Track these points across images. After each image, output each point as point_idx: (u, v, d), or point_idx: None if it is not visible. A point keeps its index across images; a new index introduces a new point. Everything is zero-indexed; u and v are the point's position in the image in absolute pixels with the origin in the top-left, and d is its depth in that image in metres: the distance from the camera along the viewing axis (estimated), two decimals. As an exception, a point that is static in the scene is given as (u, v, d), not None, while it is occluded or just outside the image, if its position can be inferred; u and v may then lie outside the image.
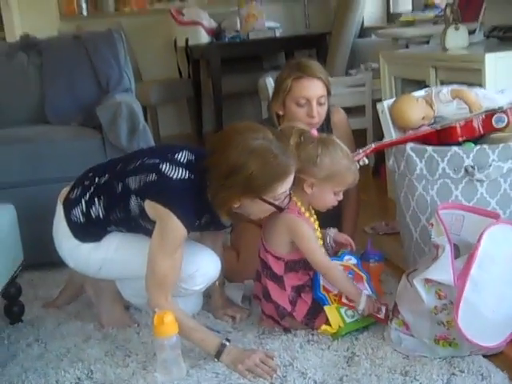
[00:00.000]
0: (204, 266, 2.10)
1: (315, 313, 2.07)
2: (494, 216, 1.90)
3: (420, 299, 1.82)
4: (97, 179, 2.09)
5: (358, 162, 2.17)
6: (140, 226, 2.01)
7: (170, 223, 1.90)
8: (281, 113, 2.44)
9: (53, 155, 2.72)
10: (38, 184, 2.70)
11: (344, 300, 2.04)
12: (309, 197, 2.05)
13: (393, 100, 2.36)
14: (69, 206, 2.10)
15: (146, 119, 2.85)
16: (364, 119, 4.09)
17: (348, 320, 2.02)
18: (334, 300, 2.05)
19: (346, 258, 2.14)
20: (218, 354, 1.91)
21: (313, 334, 2.05)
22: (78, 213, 2.08)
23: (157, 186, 1.94)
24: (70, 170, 2.28)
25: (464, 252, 1.87)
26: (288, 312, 2.07)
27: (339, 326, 2.00)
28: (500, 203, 2.10)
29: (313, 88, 2.37)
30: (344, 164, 2.01)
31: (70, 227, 2.10)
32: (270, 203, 1.91)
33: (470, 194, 2.10)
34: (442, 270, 1.79)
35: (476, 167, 2.05)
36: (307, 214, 2.06)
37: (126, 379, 1.88)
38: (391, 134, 2.30)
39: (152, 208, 1.93)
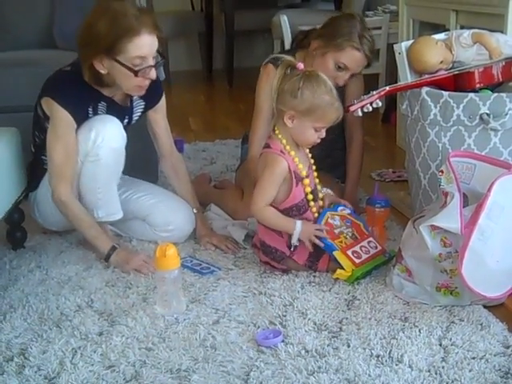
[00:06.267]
0: (100, 125, 2.12)
1: (318, 255, 2.06)
2: (506, 166, 1.87)
3: (425, 246, 1.81)
4: None
5: (371, 104, 2.13)
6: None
7: (54, 111, 2.07)
8: (314, 53, 2.40)
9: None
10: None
11: (349, 252, 2.03)
12: (290, 131, 2.00)
13: (411, 41, 2.30)
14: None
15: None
16: (377, 64, 4.01)
17: (357, 261, 2.01)
18: (341, 246, 2.03)
19: (340, 208, 2.12)
20: (107, 256, 2.12)
21: (314, 276, 2.05)
22: (28, 171, 2.27)
23: (46, 82, 2.13)
24: (77, 97, 2.25)
25: (473, 201, 1.84)
26: (287, 256, 2.06)
27: (352, 269, 1.99)
28: (513, 154, 2.07)
29: (359, 65, 2.37)
30: (326, 99, 1.94)
31: (28, 187, 2.27)
32: (124, 65, 2.01)
33: (482, 143, 2.06)
34: (450, 218, 1.77)
35: (492, 115, 2.01)
36: (292, 153, 2.01)
37: (125, 310, 1.89)
38: (407, 76, 2.25)
39: (45, 104, 2.10)
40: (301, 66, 1.98)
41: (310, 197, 2.05)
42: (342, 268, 1.99)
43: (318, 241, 2.00)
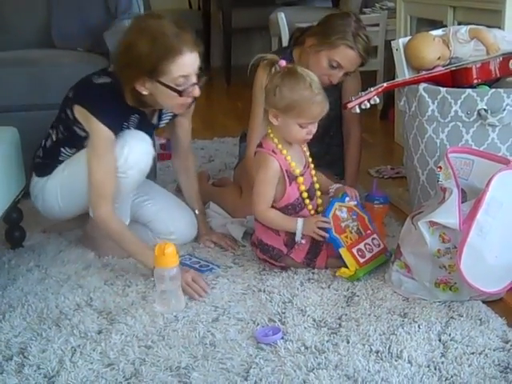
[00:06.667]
0: (133, 142, 2.08)
1: (316, 252, 2.06)
2: (505, 161, 1.87)
3: (423, 242, 1.81)
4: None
5: (369, 100, 2.13)
6: (78, 136, 2.10)
7: (94, 127, 2.02)
8: (308, 51, 2.39)
9: (58, 80, 2.65)
10: (42, 109, 2.66)
11: (354, 250, 2.02)
12: (278, 129, 1.99)
13: (409, 38, 2.30)
14: (34, 154, 2.24)
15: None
16: (375, 61, 4.01)
17: (361, 260, 2.01)
18: (346, 242, 2.02)
19: (347, 199, 2.10)
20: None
21: (313, 273, 2.05)
22: (39, 152, 2.21)
23: (81, 90, 2.09)
24: (75, 96, 2.25)
25: (471, 197, 1.85)
26: (284, 254, 2.06)
27: (356, 269, 1.99)
28: (511, 149, 2.07)
29: (353, 63, 2.35)
30: (304, 94, 1.91)
31: (34, 169, 2.23)
32: (168, 86, 1.95)
33: (480, 139, 2.06)
34: (448, 214, 1.77)
35: (489, 111, 2.01)
36: (284, 152, 2.01)
37: (124, 308, 1.89)
38: (404, 73, 2.25)
39: (79, 113, 2.05)
40: (283, 63, 1.97)
41: (305, 195, 2.04)
42: (344, 265, 1.99)
43: (323, 232, 1.99)
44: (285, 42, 3.75)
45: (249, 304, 1.89)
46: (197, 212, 2.36)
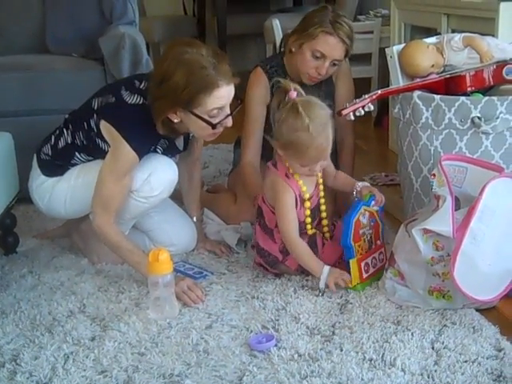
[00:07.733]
0: (158, 169, 2.07)
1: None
2: (498, 169, 1.88)
3: (417, 249, 1.81)
4: (67, 116, 2.18)
5: (363, 107, 2.13)
6: (99, 148, 2.06)
7: (121, 148, 1.98)
8: (293, 50, 2.40)
9: (52, 85, 2.67)
10: (36, 114, 2.66)
11: (362, 264, 2.00)
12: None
13: (403, 45, 2.31)
14: (40, 147, 2.19)
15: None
16: (369, 68, 4.02)
17: (365, 275, 2.00)
18: (358, 251, 2.00)
19: (373, 203, 2.04)
20: None
21: (307, 280, 2.05)
22: (47, 149, 2.17)
23: (113, 108, 2.03)
24: (69, 101, 2.25)
25: (464, 204, 1.85)
26: (279, 261, 2.06)
27: (357, 283, 1.98)
28: (504, 157, 2.07)
29: (335, 49, 2.32)
30: (301, 138, 1.85)
31: (39, 166, 2.17)
32: (202, 118, 1.93)
33: (474, 147, 2.06)
34: (442, 221, 1.77)
35: (483, 119, 2.01)
36: (296, 176, 1.98)
37: (118, 315, 1.89)
38: (399, 80, 2.26)
39: (106, 129, 2.01)
40: (293, 94, 1.92)
41: (309, 220, 2.03)
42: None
43: (342, 282, 1.94)
44: (279, 49, 3.75)
45: (242, 311, 1.89)
46: (194, 219, 2.35)
